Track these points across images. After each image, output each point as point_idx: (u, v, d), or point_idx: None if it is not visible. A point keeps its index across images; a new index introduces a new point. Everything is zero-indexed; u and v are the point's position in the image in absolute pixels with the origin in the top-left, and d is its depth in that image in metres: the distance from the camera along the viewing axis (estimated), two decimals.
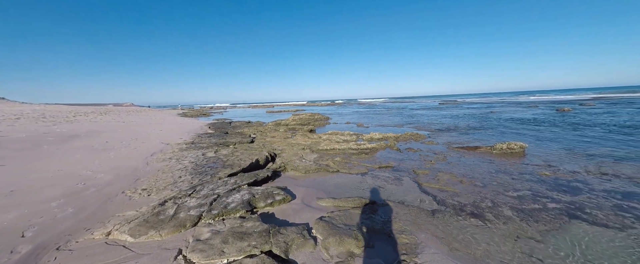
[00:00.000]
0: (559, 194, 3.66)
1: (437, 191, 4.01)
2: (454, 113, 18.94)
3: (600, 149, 6.08)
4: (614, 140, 6.96)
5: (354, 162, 5.80)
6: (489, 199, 3.62)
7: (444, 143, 7.66)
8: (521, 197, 3.63)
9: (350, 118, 18.69)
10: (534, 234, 2.72)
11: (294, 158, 5.94)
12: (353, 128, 13.04)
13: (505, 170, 4.90)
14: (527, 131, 9.33)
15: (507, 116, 14.99)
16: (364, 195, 3.94)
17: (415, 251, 2.44)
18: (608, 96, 34.55)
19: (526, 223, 2.94)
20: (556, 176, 4.37)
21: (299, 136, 9.16)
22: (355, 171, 5.12)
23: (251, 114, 30.08)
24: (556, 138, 7.65)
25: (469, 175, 4.65)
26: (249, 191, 3.63)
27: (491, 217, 3.12)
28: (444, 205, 3.52)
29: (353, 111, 29.33)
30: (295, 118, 14.89)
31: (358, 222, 2.99)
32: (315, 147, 7.21)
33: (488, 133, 9.29)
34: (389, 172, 5.09)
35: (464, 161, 5.59)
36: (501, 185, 4.11)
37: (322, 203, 3.62)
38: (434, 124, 12.83)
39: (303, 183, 4.59)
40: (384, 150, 7.10)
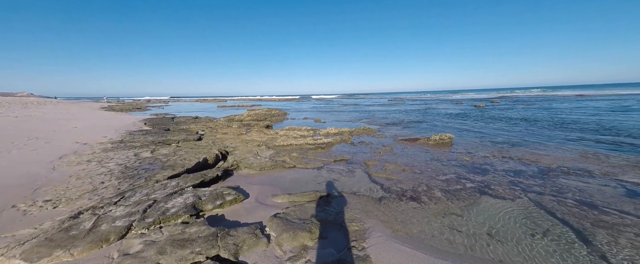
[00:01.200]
0: (474, 175, 4.50)
1: (384, 180, 4.41)
2: (400, 109, 21.11)
3: (502, 137, 7.71)
4: (510, 130, 8.91)
5: (310, 157, 5.86)
6: (424, 183, 4.17)
7: (391, 136, 8.46)
8: (448, 180, 4.31)
9: (308, 114, 18.83)
10: (456, 210, 3.27)
11: (248, 156, 5.64)
12: (310, 123, 13.17)
13: (437, 157, 5.73)
14: (454, 124, 11.12)
15: (441, 112, 17.54)
16: (320, 188, 4.04)
17: (364, 237, 2.63)
18: (509, 95, 43.99)
19: (451, 202, 3.51)
20: (473, 161, 5.34)
21: (254, 132, 8.74)
22: (311, 166, 5.19)
23: (199, 109, 27.19)
24: (474, 129, 9.35)
25: (410, 164, 5.26)
26: (194, 194, 3.29)
27: (426, 199, 3.61)
28: (389, 192, 3.90)
29: (311, 106, 29.60)
30: (251, 114, 14.15)
31: (313, 215, 3.05)
32: (271, 143, 7.00)
33: (426, 126, 10.69)
34: (343, 165, 5.34)
35: (407, 152, 6.30)
36: (434, 171, 4.80)
37: (277, 200, 3.55)
38: (384, 119, 14.03)
39: (258, 180, 4.41)
40: (340, 144, 7.41)
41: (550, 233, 2.71)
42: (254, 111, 15.00)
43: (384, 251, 2.40)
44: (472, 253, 2.42)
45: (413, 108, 21.44)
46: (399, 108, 22.82)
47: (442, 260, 2.26)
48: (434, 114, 15.93)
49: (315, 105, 31.86)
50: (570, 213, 3.06)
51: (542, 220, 2.97)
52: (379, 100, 46.35)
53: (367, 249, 2.43)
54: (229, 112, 20.56)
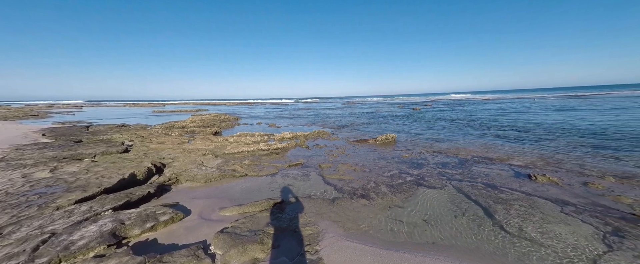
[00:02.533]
0: (412, 169, 5.11)
1: (337, 181, 4.56)
2: (353, 112, 22.49)
3: (433, 135, 9.04)
4: (439, 128, 10.55)
5: (264, 163, 5.62)
6: (373, 181, 4.50)
7: (344, 138, 8.89)
8: (392, 176, 4.77)
9: (263, 119, 18.16)
10: (398, 203, 3.63)
11: (190, 167, 5.01)
12: (265, 128, 12.71)
13: (383, 156, 6.29)
14: (397, 125, 12.48)
15: (386, 114, 19.45)
16: (274, 195, 3.89)
17: (317, 240, 2.64)
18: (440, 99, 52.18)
19: (394, 195, 3.88)
20: (411, 157, 6.08)
21: (199, 140, 7.86)
22: (265, 173, 4.98)
23: (127, 115, 22.97)
24: (412, 129, 10.70)
25: (360, 164, 5.61)
26: (115, 218, 2.71)
27: (374, 195, 3.89)
28: (342, 192, 4.06)
29: (265, 111, 28.66)
30: (195, 120, 12.73)
31: (265, 225, 2.90)
32: (220, 152, 6.42)
33: (374, 128, 11.67)
34: (298, 169, 5.30)
35: (358, 152, 6.72)
36: (381, 168, 5.24)
37: (225, 213, 3.25)
38: (338, 122, 14.67)
39: (202, 194, 3.95)
40: (295, 148, 7.36)
41: (467, 212, 3.28)
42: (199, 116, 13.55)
43: (336, 250, 2.45)
44: (411, 239, 2.72)
45: (364, 111, 23.15)
46: (352, 111, 24.29)
47: (386, 250, 2.45)
48: (381, 116, 17.55)
49: (269, 110, 31.00)
50: (479, 194, 3.77)
51: (461, 203, 3.57)
52: (333, 103, 48.37)
53: (320, 251, 2.44)
54: (168, 118, 18.00)
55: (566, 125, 9.87)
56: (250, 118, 19.23)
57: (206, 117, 13.88)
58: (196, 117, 13.46)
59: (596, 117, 11.70)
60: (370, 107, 30.18)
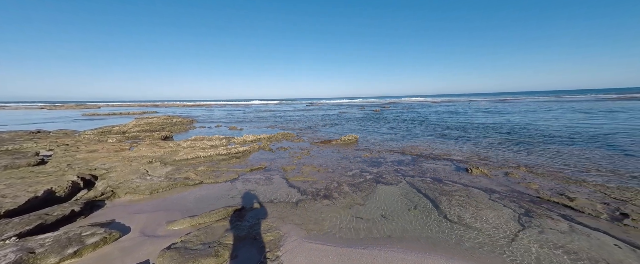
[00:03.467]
0: (372, 168, 5.41)
1: (301, 183, 4.54)
2: (318, 114, 22.79)
3: (391, 134, 9.77)
4: (396, 128, 11.46)
5: (223, 169, 5.25)
6: (336, 181, 4.62)
7: (308, 139, 8.92)
8: (354, 175, 4.97)
9: (223, 121, 17.01)
10: (359, 201, 3.80)
11: (131, 177, 4.36)
12: (225, 131, 11.92)
13: (346, 156, 6.52)
14: (359, 125, 13.11)
15: (349, 115, 20.27)
16: (233, 202, 3.65)
17: (278, 245, 2.57)
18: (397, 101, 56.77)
19: (356, 194, 4.05)
20: (371, 156, 6.44)
21: (143, 146, 6.91)
22: (223, 179, 4.64)
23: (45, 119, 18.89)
24: (373, 129, 11.37)
25: (324, 164, 5.70)
26: (21, 247, 2.17)
27: (336, 195, 3.99)
28: (306, 193, 4.05)
29: (226, 113, 26.97)
30: (140, 124, 11.18)
31: (222, 235, 2.69)
32: (170, 158, 5.76)
33: (338, 129, 12.02)
34: (260, 173, 5.10)
35: (322, 153, 6.81)
36: (343, 168, 5.41)
37: (174, 227, 2.91)
38: (303, 123, 14.67)
39: (146, 207, 3.47)
40: (258, 151, 7.07)
41: (418, 205, 3.62)
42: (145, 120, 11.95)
43: (297, 254, 2.42)
44: (370, 235, 2.86)
45: (328, 113, 23.68)
46: (316, 113, 24.60)
47: (347, 248, 2.53)
48: (344, 118, 18.21)
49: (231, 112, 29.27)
50: (428, 188, 4.21)
51: (414, 196, 3.92)
52: (299, 105, 48.27)
53: (281, 257, 2.38)
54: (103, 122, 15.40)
55: (495, 125, 11.78)
56: (209, 121, 17.80)
57: (154, 120, 12.31)
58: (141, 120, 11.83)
59: (516, 118, 14.28)
60: (334, 109, 31.06)
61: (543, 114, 15.85)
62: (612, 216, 2.97)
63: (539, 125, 10.88)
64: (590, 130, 9.03)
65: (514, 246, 2.55)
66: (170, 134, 9.68)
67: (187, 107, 43.51)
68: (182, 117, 15.92)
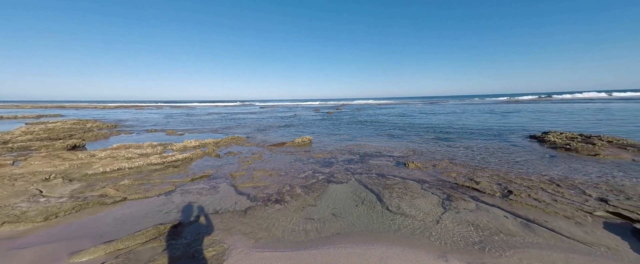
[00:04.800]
0: (324, 168, 5.57)
1: (251, 189, 4.30)
2: (272, 116, 22.17)
3: (343, 135, 10.29)
4: (349, 130, 12.14)
5: (155, 181, 4.52)
6: (288, 184, 4.56)
7: (261, 143, 8.57)
8: (306, 176, 5.02)
9: (158, 126, 14.76)
10: (311, 202, 3.84)
11: (14, 201, 3.31)
12: (161, 137, 10.35)
13: (300, 158, 6.53)
14: (314, 127, 13.36)
15: (304, 117, 20.45)
16: (167, 218, 3.18)
17: (222, 259, 2.36)
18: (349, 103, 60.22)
19: (308, 195, 4.08)
20: (324, 156, 6.64)
21: (36, 159, 5.36)
22: (155, 193, 4.00)
23: None
24: (326, 130, 11.75)
25: (277, 168, 5.56)
26: None
27: (288, 198, 3.94)
28: (256, 200, 3.86)
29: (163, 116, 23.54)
30: (33, 130, 8.67)
31: (150, 259, 2.30)
32: (79, 173, 4.63)
33: (293, 130, 11.95)
34: (204, 182, 4.61)
35: (275, 157, 6.64)
36: (296, 171, 5.39)
37: (80, 259, 2.34)
38: (256, 126, 14.02)
39: (37, 239, 2.69)
40: (202, 158, 6.38)
41: (365, 201, 3.90)
42: (41, 125, 9.31)
43: None
44: (321, 234, 2.92)
45: (282, 115, 23.31)
46: (271, 115, 23.91)
47: (297, 251, 2.52)
48: (299, 119, 18.27)
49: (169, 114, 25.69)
50: (374, 183, 4.59)
51: (361, 192, 4.21)
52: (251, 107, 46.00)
53: None
54: None
55: (427, 124, 13.76)
56: (139, 126, 15.12)
57: (56, 125, 9.71)
58: (35, 126, 9.16)
59: (443, 119, 17.00)
60: (288, 111, 30.82)
61: (462, 114, 19.37)
62: (502, 194, 3.85)
63: (459, 124, 13.25)
64: (492, 127, 11.52)
65: (439, 227, 3.01)
66: (81, 142, 7.77)
67: (110, 109, 36.06)
68: (101, 121, 13.03)
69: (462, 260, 2.31)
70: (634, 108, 17.94)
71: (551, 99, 45.07)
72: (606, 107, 20.40)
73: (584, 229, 2.77)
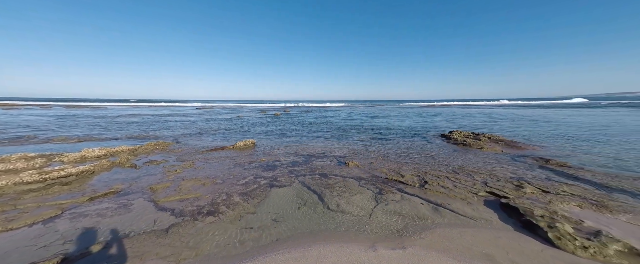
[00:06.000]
0: (267, 172, 5.35)
1: (177, 202, 3.71)
2: (211, 118, 20.02)
3: (290, 137, 10.18)
4: (295, 131, 12.10)
5: (28, 205, 3.35)
6: (224, 192, 4.15)
7: (193, 148, 7.57)
8: (247, 182, 4.70)
9: (43, 131, 11.18)
10: (250, 209, 3.60)
11: None
12: (46, 147, 7.83)
13: (240, 162, 6.08)
14: (259, 129, 12.75)
15: (249, 119, 19.31)
16: (43, 256, 2.38)
17: None
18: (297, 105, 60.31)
19: (247, 203, 3.82)
20: (268, 160, 6.39)
21: None
22: (28, 221, 2.97)
23: None
24: (272, 133, 11.39)
25: (212, 176, 4.99)
26: None
27: (224, 208, 3.58)
28: (183, 215, 3.35)
29: (57, 117, 18.08)
30: None
31: None
32: None
33: (235, 133, 11.07)
34: (110, 200, 3.70)
35: (211, 164, 5.96)
36: (236, 177, 4.98)
37: None
38: (190, 129, 12.34)
39: None
40: (109, 170, 5.14)
41: (307, 202, 3.92)
42: None
43: None
44: (259, 243, 2.76)
45: (223, 117, 21.38)
46: (209, 116, 21.57)
47: None
48: (244, 121, 17.13)
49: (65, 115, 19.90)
50: (316, 184, 4.69)
51: (304, 194, 4.22)
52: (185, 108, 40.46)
53: None
54: None
55: (368, 126, 15.13)
56: (9, 131, 11.03)
57: None
58: None
59: (381, 121, 19.03)
60: (231, 113, 28.56)
61: (396, 117, 22.20)
62: (420, 184, 4.56)
63: (392, 125, 15.11)
64: (416, 127, 13.61)
65: (371, 219, 3.31)
66: None
67: None
68: None
69: (387, 247, 2.59)
70: (508, 113, 24.54)
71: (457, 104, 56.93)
72: (492, 112, 27.17)
73: (472, 207, 3.55)
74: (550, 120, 16.26)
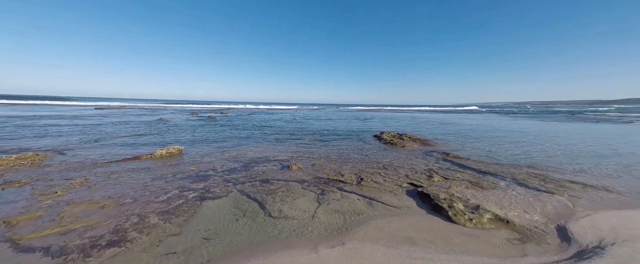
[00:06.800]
0: (198, 183, 4.65)
1: (55, 238, 2.72)
2: (119, 121, 16.09)
3: (227, 141, 9.24)
4: (234, 135, 11.08)
5: None
6: (136, 214, 3.34)
7: (88, 161, 5.85)
8: (170, 198, 3.93)
9: None
10: (174, 230, 3.01)
11: None
12: None
13: (162, 175, 5.06)
14: (189, 134, 11.06)
15: (176, 122, 16.54)
16: None
17: None
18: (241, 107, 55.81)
19: (169, 222, 3.18)
20: (199, 169, 5.58)
21: None
22: None
23: None
24: (206, 138, 10.08)
25: (117, 195, 3.95)
26: None
27: (135, 235, 2.86)
28: (65, 253, 2.47)
29: None
30: None
31: None
32: None
33: (154, 140, 9.20)
34: None
35: (116, 179, 4.72)
36: (154, 193, 4.10)
37: None
38: (81, 136, 9.49)
39: None
40: None
41: (247, 212, 3.60)
42: None
43: None
44: None
45: (141, 119, 17.56)
46: (118, 119, 17.29)
47: None
48: (167, 125, 14.53)
49: None
50: (257, 191, 4.39)
51: (243, 204, 3.87)
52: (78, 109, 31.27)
53: None
54: None
55: (311, 128, 15.42)
56: None
57: None
58: None
59: (322, 123, 19.77)
60: (150, 114, 23.85)
61: (337, 120, 23.57)
62: (357, 181, 4.94)
63: (333, 127, 15.95)
64: (354, 129, 14.82)
65: (314, 221, 3.32)
66: None
67: None
68: None
69: (328, 246, 2.64)
70: (425, 117, 29.94)
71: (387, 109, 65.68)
72: (414, 116, 32.53)
73: (397, 198, 4.09)
74: (451, 122, 20.85)
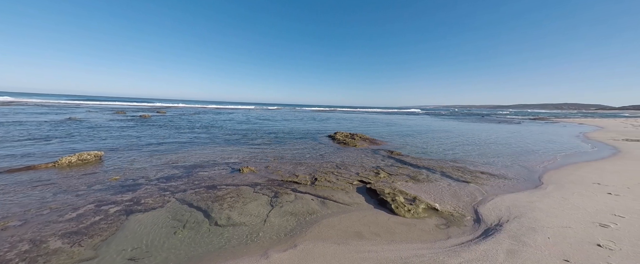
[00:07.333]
0: (123, 195, 3.91)
1: None
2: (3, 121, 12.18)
3: (164, 144, 8.04)
4: (173, 137, 9.73)
5: None
6: (27, 240, 2.58)
7: None
8: (81, 215, 3.18)
9: None
10: (86, 254, 2.45)
11: None
12: None
13: (70, 187, 4.05)
14: (112, 137, 9.18)
15: (93, 123, 13.53)
16: None
17: None
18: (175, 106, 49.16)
19: (79, 245, 2.57)
20: (125, 177, 4.69)
21: None
22: None
23: None
24: (136, 141, 8.55)
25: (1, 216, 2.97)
26: None
27: None
28: None
29: None
30: None
31: None
32: None
33: (59, 144, 7.29)
34: None
35: None
36: (56, 211, 3.25)
37: None
38: None
39: None
40: None
41: (188, 223, 3.22)
42: None
43: None
44: None
45: (40, 119, 13.67)
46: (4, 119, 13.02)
47: None
48: (81, 126, 11.74)
49: None
50: (201, 198, 3.97)
51: (184, 214, 3.44)
52: None
53: None
54: None
55: (265, 129, 14.85)
56: None
57: None
58: None
59: (278, 123, 19.28)
60: (56, 112, 18.90)
61: (293, 121, 23.37)
62: (311, 182, 5.02)
63: (289, 128, 15.78)
64: (310, 129, 14.98)
65: (266, 225, 3.21)
66: None
67: None
68: None
69: (279, 250, 2.60)
70: (374, 118, 32.50)
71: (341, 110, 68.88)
72: (366, 117, 34.95)
73: (349, 195, 4.34)
74: (396, 123, 23.28)
